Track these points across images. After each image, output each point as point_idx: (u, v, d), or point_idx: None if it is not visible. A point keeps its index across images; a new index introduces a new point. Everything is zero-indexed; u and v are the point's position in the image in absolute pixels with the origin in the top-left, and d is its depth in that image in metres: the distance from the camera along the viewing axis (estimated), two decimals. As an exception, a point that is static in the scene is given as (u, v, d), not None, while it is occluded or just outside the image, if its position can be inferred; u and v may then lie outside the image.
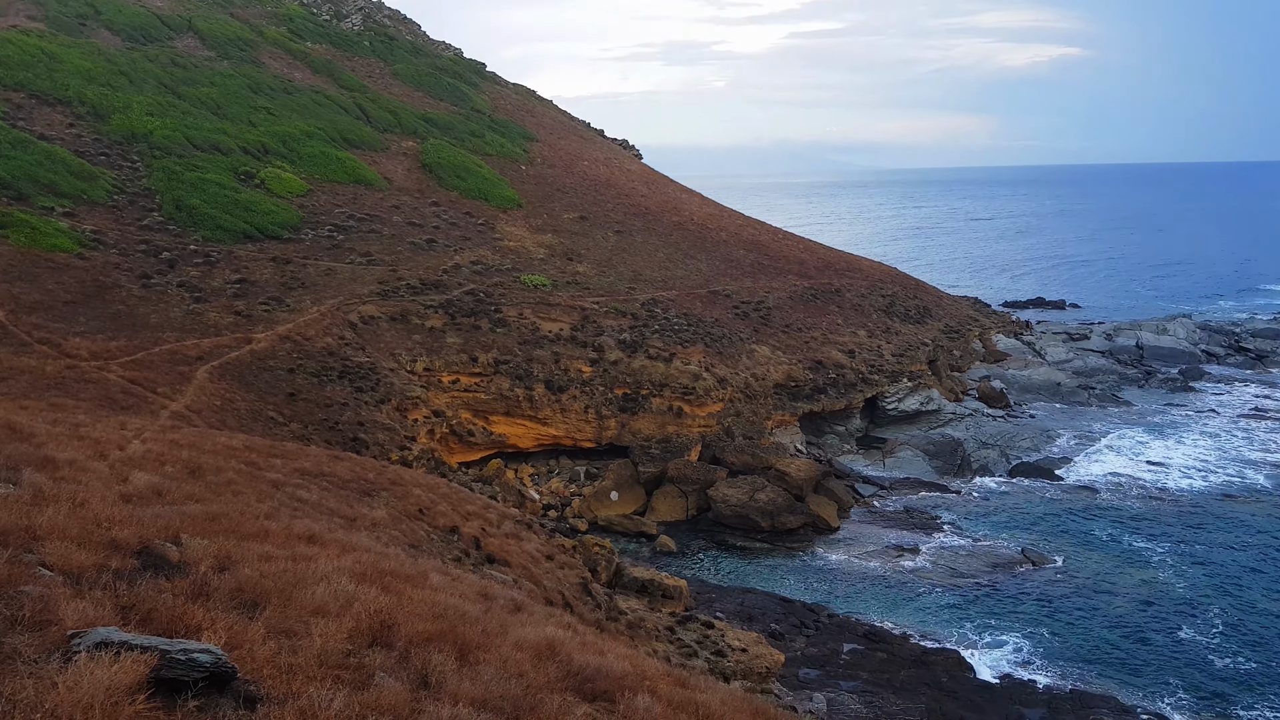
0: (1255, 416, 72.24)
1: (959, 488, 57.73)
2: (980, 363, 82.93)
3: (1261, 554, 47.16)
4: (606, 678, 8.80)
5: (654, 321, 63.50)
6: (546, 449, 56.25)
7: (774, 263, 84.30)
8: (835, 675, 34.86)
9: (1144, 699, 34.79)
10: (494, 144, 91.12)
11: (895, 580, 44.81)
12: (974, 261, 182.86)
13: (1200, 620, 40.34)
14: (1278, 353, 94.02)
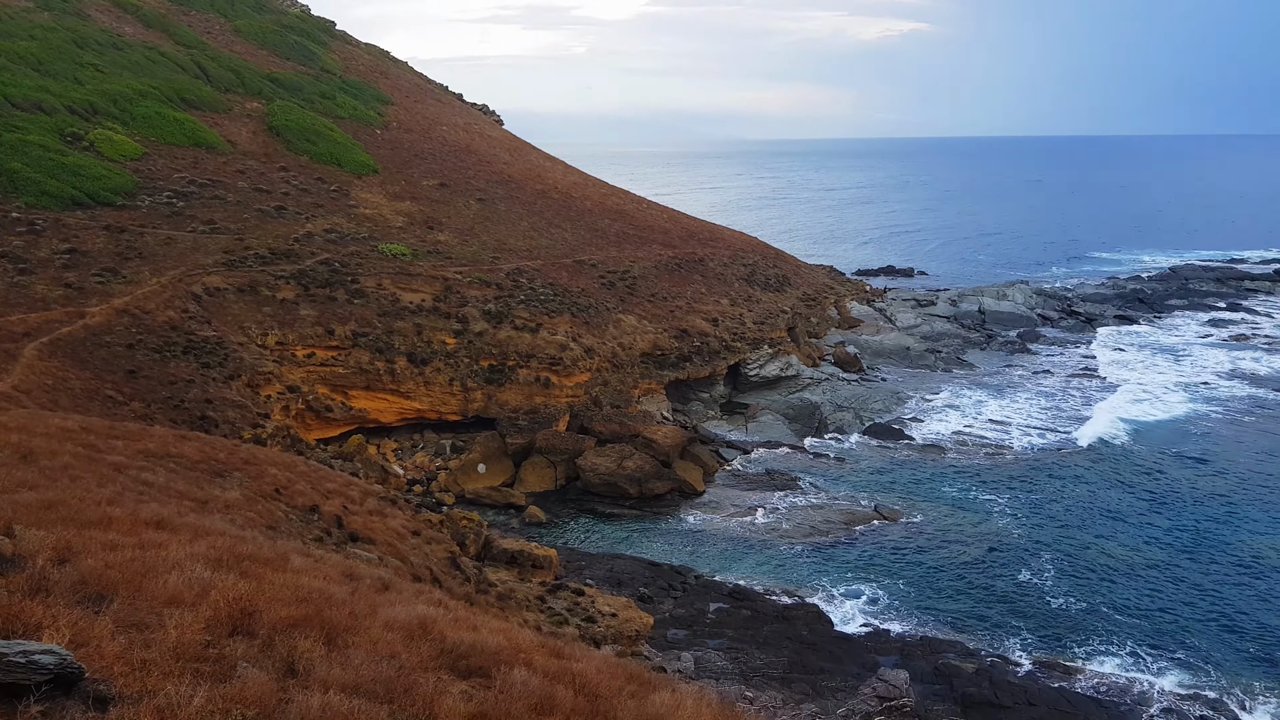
0: (1085, 375, 77.60)
1: (817, 449, 59.84)
2: (836, 329, 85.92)
3: (1089, 503, 50.88)
4: (481, 653, 8.70)
5: (519, 292, 62.89)
6: (410, 423, 55.13)
7: (639, 232, 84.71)
8: (702, 634, 35.75)
9: (989, 641, 37.13)
10: (346, 107, 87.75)
11: (758, 540, 46.19)
12: (829, 231, 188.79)
13: (1036, 565, 43.28)
14: (1106, 316, 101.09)
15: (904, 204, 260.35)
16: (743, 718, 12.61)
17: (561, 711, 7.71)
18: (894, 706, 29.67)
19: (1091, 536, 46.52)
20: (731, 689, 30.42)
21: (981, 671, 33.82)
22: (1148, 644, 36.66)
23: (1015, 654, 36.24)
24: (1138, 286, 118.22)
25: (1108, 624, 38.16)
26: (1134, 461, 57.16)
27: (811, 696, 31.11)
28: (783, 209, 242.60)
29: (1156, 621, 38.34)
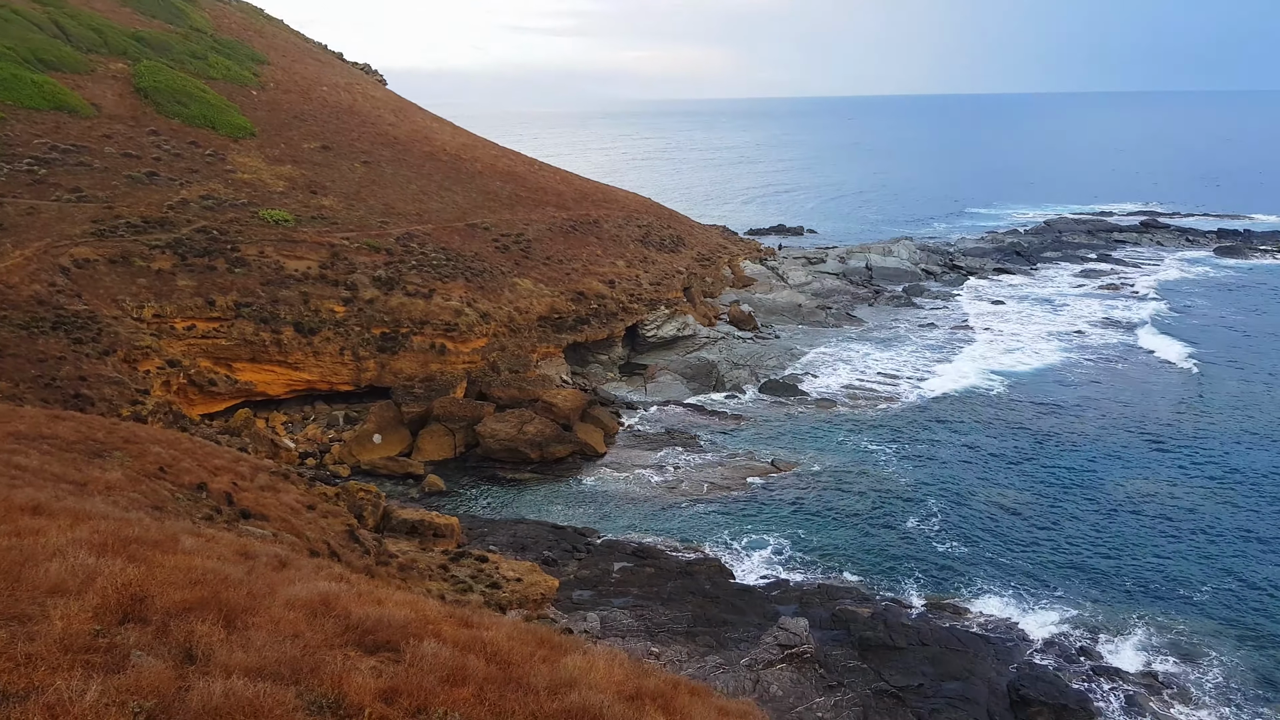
0: (966, 327, 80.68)
1: (715, 406, 60.74)
2: (730, 288, 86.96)
3: (971, 450, 53.16)
4: (389, 627, 8.56)
5: (410, 257, 61.50)
6: (300, 395, 53.59)
7: (532, 194, 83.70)
8: (607, 594, 36.10)
9: (883, 586, 38.61)
10: (219, 67, 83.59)
11: (660, 498, 46.76)
12: (720, 191, 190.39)
13: (924, 512, 45.10)
14: (985, 269, 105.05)
15: (792, 163, 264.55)
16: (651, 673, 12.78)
17: (475, 681, 7.67)
18: (795, 653, 30.62)
19: (974, 482, 48.67)
20: (638, 646, 30.88)
21: (876, 615, 35.15)
22: (1029, 583, 38.70)
23: (908, 597, 37.80)
24: (1015, 240, 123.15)
25: (992, 565, 40.11)
26: (1012, 409, 59.89)
27: (716, 648, 31.84)
28: (674, 169, 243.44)
29: (1036, 561, 40.47)
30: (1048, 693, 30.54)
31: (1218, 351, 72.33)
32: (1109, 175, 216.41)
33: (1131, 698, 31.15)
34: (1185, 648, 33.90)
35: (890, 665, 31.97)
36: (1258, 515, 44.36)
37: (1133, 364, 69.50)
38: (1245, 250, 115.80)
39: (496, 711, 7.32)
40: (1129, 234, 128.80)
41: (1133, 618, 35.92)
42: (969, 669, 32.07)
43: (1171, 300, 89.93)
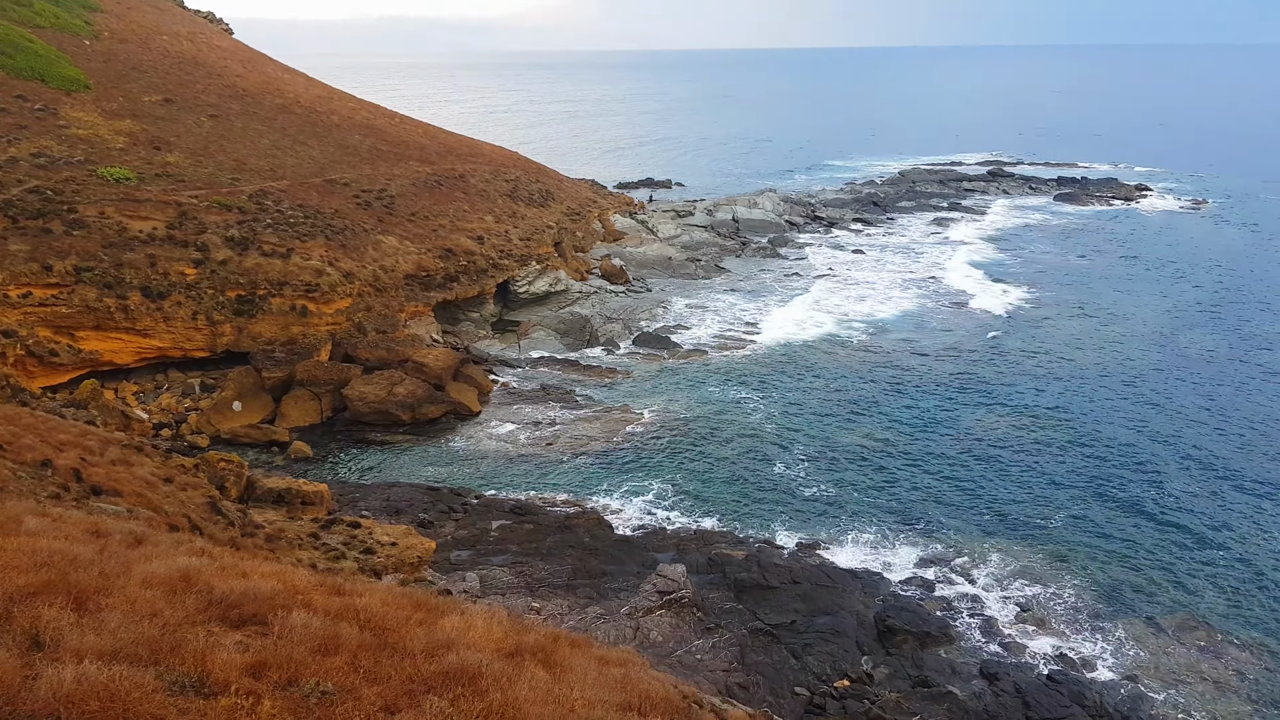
0: (829, 277, 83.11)
1: (590, 361, 60.86)
2: (601, 242, 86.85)
3: (835, 395, 55.09)
4: (255, 600, 8.28)
5: (265, 215, 58.80)
6: (151, 363, 50.85)
7: (393, 148, 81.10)
8: (486, 553, 35.98)
9: (754, 528, 39.82)
10: (47, 15, 77.26)
11: (537, 454, 46.71)
12: (587, 144, 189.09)
13: (792, 456, 46.60)
14: (845, 219, 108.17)
15: (658, 116, 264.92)
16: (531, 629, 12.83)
17: (348, 649, 7.52)
18: (674, 599, 31.32)
19: (839, 425, 50.52)
20: (518, 602, 30.97)
21: (750, 557, 36.27)
22: (893, 519, 40.61)
23: (779, 538, 39.12)
24: (872, 191, 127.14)
25: (858, 504, 41.88)
26: (872, 354, 62.28)
27: (596, 599, 32.24)
28: (540, 122, 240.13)
29: (899, 498, 42.49)
30: (912, 621, 32.28)
31: (1059, 294, 76.87)
32: (960, 125, 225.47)
33: (988, 622, 33.24)
34: (1037, 573, 36.30)
35: (764, 604, 33.11)
36: (1098, 448, 47.68)
37: (981, 308, 73.13)
38: (1082, 197, 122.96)
39: (372, 678, 7.21)
40: (978, 183, 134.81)
41: (989, 547, 38.20)
42: (838, 603, 33.53)
43: (1017, 246, 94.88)
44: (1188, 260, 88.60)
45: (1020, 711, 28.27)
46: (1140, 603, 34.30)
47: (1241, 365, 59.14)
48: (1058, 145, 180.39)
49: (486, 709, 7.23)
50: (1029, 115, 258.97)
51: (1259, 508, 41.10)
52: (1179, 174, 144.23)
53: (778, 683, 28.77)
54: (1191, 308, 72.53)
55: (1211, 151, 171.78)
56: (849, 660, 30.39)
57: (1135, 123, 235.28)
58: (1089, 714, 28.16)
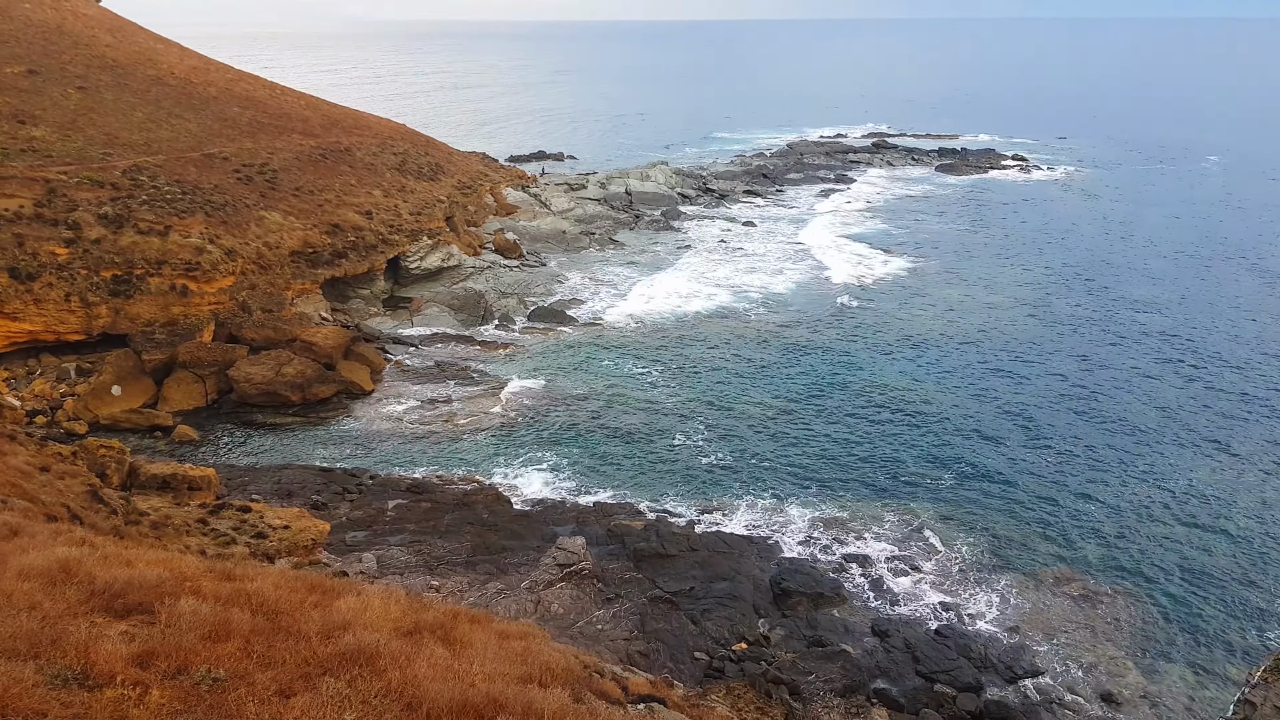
0: (722, 247, 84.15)
1: (485, 337, 60.31)
2: (494, 216, 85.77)
3: (730, 365, 56.03)
4: (140, 589, 8.06)
5: (141, 191, 56.05)
6: (22, 347, 48.13)
7: (275, 121, 78.16)
8: (383, 533, 35.49)
9: (653, 499, 40.34)
10: (-119, -28, 71.45)
11: (433, 432, 46.17)
12: (475, 116, 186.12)
13: (690, 426, 47.28)
14: (736, 191, 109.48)
15: (546, 88, 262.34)
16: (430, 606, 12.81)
17: (240, 635, 7.40)
18: (574, 571, 31.56)
19: (735, 395, 51.44)
20: (417, 581, 30.71)
21: (649, 527, 36.76)
22: (788, 484, 41.69)
23: (678, 507, 39.75)
24: (761, 163, 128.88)
25: (754, 471, 42.84)
26: (765, 323, 63.49)
27: (496, 575, 32.22)
28: (427, 94, 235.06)
29: (794, 464, 43.61)
30: (805, 583, 33.31)
31: (942, 262, 79.67)
32: (846, 98, 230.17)
33: (878, 579, 34.56)
34: (925, 532, 37.86)
35: (663, 573, 33.65)
36: (979, 410, 49.83)
37: (868, 277, 75.26)
38: (962, 167, 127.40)
39: (266, 662, 7.12)
40: (862, 154, 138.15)
41: (879, 509, 39.62)
42: (736, 569, 34.34)
43: (900, 216, 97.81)
44: (1060, 227, 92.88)
45: (910, 666, 29.57)
46: (1021, 557, 36.16)
47: (1109, 327, 62.51)
48: (938, 118, 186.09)
49: (385, 688, 7.23)
50: (911, 88, 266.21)
51: (1126, 464, 43.72)
52: (1053, 145, 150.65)
53: (678, 648, 29.37)
54: (1063, 272, 76.16)
55: (1085, 123, 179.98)
56: (746, 623, 31.20)
57: (1013, 95, 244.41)
58: (975, 665, 29.65)
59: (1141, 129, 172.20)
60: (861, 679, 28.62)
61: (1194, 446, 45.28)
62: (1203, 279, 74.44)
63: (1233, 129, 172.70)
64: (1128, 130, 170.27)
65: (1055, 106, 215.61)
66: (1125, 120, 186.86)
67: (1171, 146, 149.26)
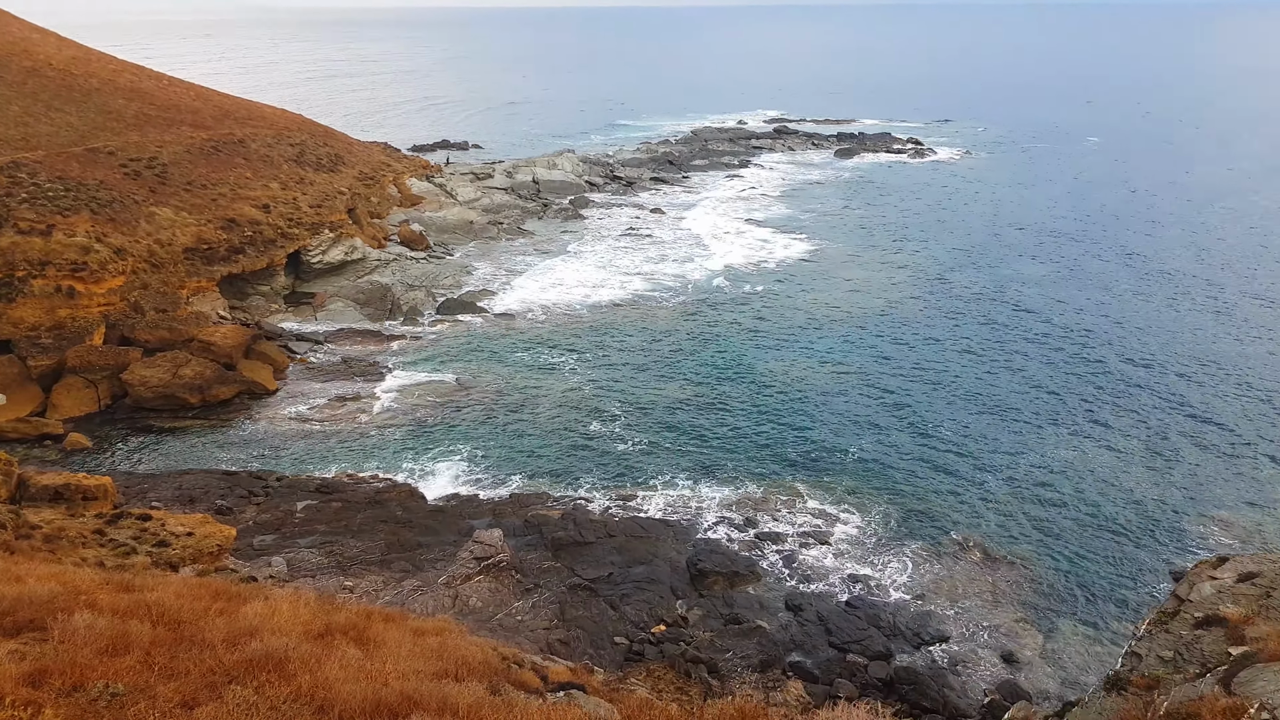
0: (631, 235, 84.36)
1: (393, 331, 59.29)
2: (398, 207, 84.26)
3: (644, 352, 56.33)
4: (30, 605, 7.77)
5: (19, 189, 53.30)
6: (-110, 357, 45.42)
7: (163, 113, 75.16)
8: (292, 535, 34.70)
9: (570, 487, 40.39)
10: None
11: (342, 430, 45.27)
12: (374, 105, 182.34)
13: (606, 415, 47.42)
14: (643, 179, 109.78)
15: (444, 76, 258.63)
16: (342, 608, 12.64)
17: (140, 647, 7.21)
18: (491, 564, 31.41)
19: (649, 382, 51.77)
20: (330, 582, 30.16)
21: (566, 515, 36.82)
22: (702, 466, 42.21)
23: (594, 495, 39.87)
24: (667, 150, 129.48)
25: (669, 455, 43.23)
26: (677, 310, 63.99)
27: (412, 572, 31.85)
28: (323, 83, 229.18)
29: (708, 446, 44.15)
30: (721, 563, 33.84)
31: (844, 244, 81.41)
32: (746, 84, 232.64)
33: (790, 555, 35.31)
34: (834, 507, 38.81)
35: (582, 560, 33.76)
36: (882, 387, 51.20)
37: (774, 260, 76.45)
38: (860, 151, 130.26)
39: (168, 674, 6.96)
40: (765, 140, 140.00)
41: (789, 487, 40.44)
42: (653, 552, 34.67)
43: (804, 200, 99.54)
44: (953, 208, 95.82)
45: (823, 638, 30.35)
46: (925, 528, 37.38)
47: (1001, 306, 64.84)
48: (837, 103, 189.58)
49: (294, 692, 7.14)
50: (809, 74, 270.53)
51: (1020, 435, 45.53)
52: (945, 128, 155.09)
53: (598, 635, 29.53)
54: (957, 252, 78.63)
55: (977, 106, 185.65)
56: (665, 606, 31.55)
57: (908, 80, 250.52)
58: (884, 634, 30.59)
59: (1029, 111, 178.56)
60: (777, 653, 29.26)
61: (1082, 418, 47.40)
62: (1083, 256, 77.76)
63: (1112, 110, 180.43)
64: (1017, 112, 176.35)
65: (948, 90, 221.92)
66: (1014, 103, 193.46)
67: (1056, 128, 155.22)
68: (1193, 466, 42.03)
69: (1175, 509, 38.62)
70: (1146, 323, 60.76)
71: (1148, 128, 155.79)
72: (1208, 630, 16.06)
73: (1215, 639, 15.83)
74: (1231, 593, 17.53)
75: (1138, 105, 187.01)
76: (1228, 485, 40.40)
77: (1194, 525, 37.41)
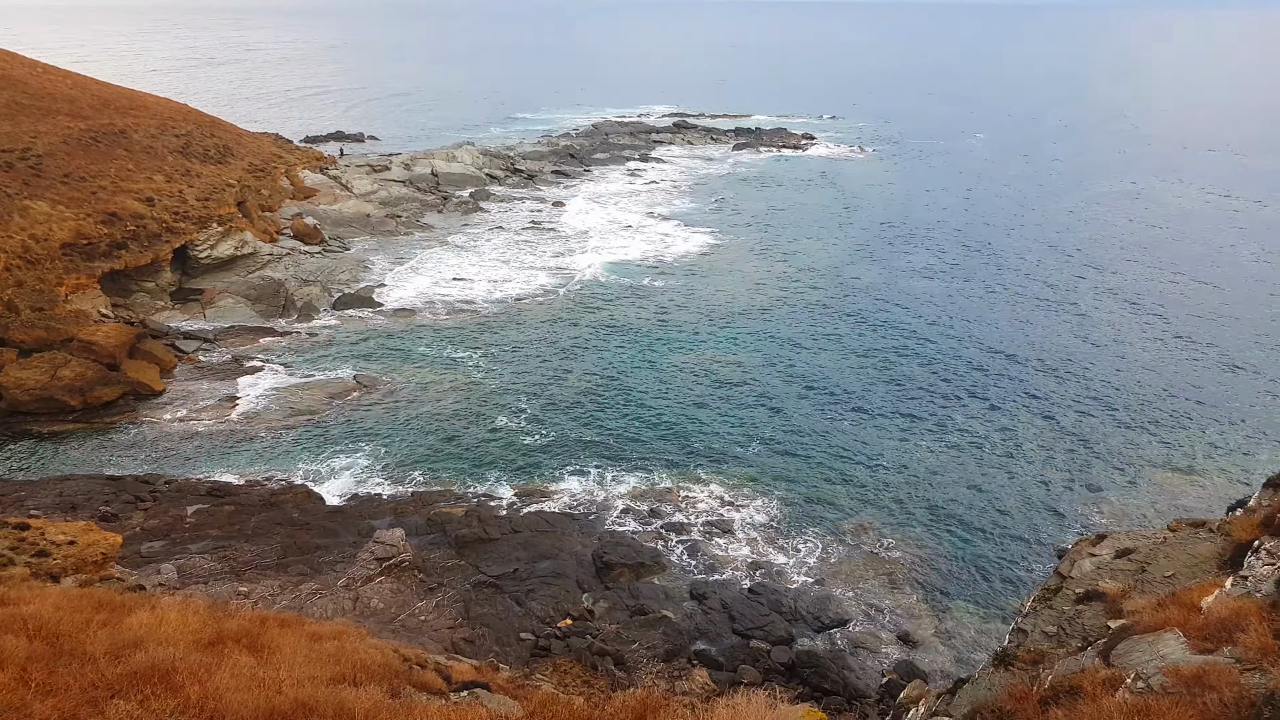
0: (533, 228, 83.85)
1: (287, 328, 57.64)
2: (291, 200, 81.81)
3: (549, 345, 56.12)
4: (-109, 626, 7.33)
5: None
6: None
7: (36, 102, 71.22)
8: (182, 541, 33.48)
9: (475, 483, 40.00)
10: None
11: (235, 431, 43.84)
12: (265, 95, 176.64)
13: (511, 408, 47.10)
14: (545, 172, 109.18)
15: (337, 66, 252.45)
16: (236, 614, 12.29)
17: (15, 663, 6.88)
18: (393, 564, 30.90)
19: (555, 375, 51.62)
20: (224, 588, 29.22)
21: (470, 512, 36.48)
22: (608, 458, 42.32)
23: (500, 490, 39.60)
24: (568, 143, 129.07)
25: (575, 448, 43.21)
26: (582, 302, 63.94)
27: (310, 575, 31.09)
28: (209, 72, 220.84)
29: (614, 437, 44.28)
30: (627, 555, 34.04)
31: (743, 237, 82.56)
32: (646, 79, 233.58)
33: (694, 545, 35.74)
34: (736, 496, 39.43)
35: (486, 557, 33.51)
36: (782, 376, 52.20)
37: (675, 254, 77.08)
38: (757, 145, 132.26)
39: (46, 690, 6.66)
40: (665, 134, 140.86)
41: (693, 477, 40.92)
42: (558, 546, 34.64)
43: (704, 194, 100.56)
44: (849, 202, 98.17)
45: (727, 625, 30.84)
46: (824, 514, 38.32)
47: (893, 296, 66.79)
48: (734, 97, 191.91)
49: (182, 704, 6.92)
50: (708, 69, 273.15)
51: (913, 423, 47.04)
52: (840, 123, 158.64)
53: (503, 632, 29.38)
54: (853, 246, 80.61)
55: (869, 102, 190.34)
56: (571, 599, 31.58)
57: (804, 75, 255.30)
58: (786, 619, 31.26)
59: (921, 107, 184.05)
60: (682, 642, 29.61)
61: (973, 406, 49.25)
62: (968, 247, 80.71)
63: (998, 108, 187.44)
64: (909, 109, 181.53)
65: (842, 87, 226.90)
66: (907, 99, 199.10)
67: (945, 125, 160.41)
68: (1073, 450, 44.13)
69: (1058, 490, 40.52)
70: (1027, 315, 63.44)
71: (1028, 126, 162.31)
72: (1088, 605, 16.92)
73: (1095, 613, 16.69)
74: (1110, 568, 18.50)
75: (1022, 104, 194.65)
76: (1105, 466, 42.57)
77: (1075, 506, 39.31)
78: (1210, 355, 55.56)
